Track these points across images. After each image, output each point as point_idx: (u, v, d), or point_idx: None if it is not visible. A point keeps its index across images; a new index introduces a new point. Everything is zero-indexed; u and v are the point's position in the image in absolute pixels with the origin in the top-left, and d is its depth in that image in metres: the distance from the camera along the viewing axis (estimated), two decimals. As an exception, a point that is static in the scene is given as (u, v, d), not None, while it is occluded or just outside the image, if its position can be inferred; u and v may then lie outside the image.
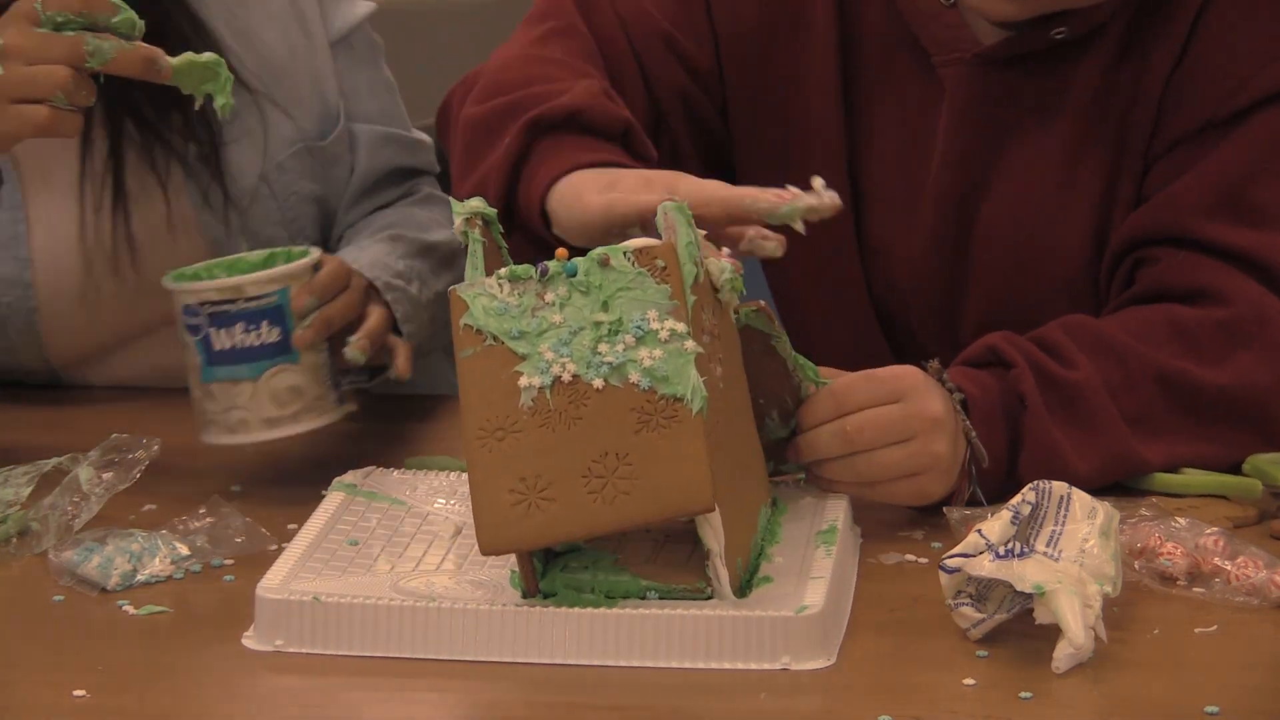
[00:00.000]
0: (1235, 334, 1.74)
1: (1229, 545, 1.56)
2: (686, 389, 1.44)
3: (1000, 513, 1.49)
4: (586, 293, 1.47)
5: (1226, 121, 1.78)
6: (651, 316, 1.46)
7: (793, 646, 1.43)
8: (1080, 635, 1.40)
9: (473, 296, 1.48)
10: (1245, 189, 1.77)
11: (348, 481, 1.71)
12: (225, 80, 1.69)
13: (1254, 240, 1.76)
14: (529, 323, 1.47)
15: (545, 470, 1.44)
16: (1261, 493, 1.70)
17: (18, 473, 1.72)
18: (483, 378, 1.47)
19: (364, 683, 1.44)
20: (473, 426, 1.46)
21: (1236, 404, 1.74)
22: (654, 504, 1.44)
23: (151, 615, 1.55)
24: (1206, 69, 1.79)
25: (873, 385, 1.63)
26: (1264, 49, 1.78)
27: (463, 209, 1.55)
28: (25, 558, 1.65)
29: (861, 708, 1.38)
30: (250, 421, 1.76)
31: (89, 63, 1.65)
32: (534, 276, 1.48)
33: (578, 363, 1.45)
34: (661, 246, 1.48)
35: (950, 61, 1.85)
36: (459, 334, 1.48)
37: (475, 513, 1.44)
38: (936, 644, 1.47)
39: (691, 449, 1.44)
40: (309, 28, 2.06)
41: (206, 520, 1.68)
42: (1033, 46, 1.82)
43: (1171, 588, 1.55)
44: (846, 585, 1.56)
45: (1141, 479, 1.74)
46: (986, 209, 1.87)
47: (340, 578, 1.53)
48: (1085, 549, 1.47)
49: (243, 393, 1.75)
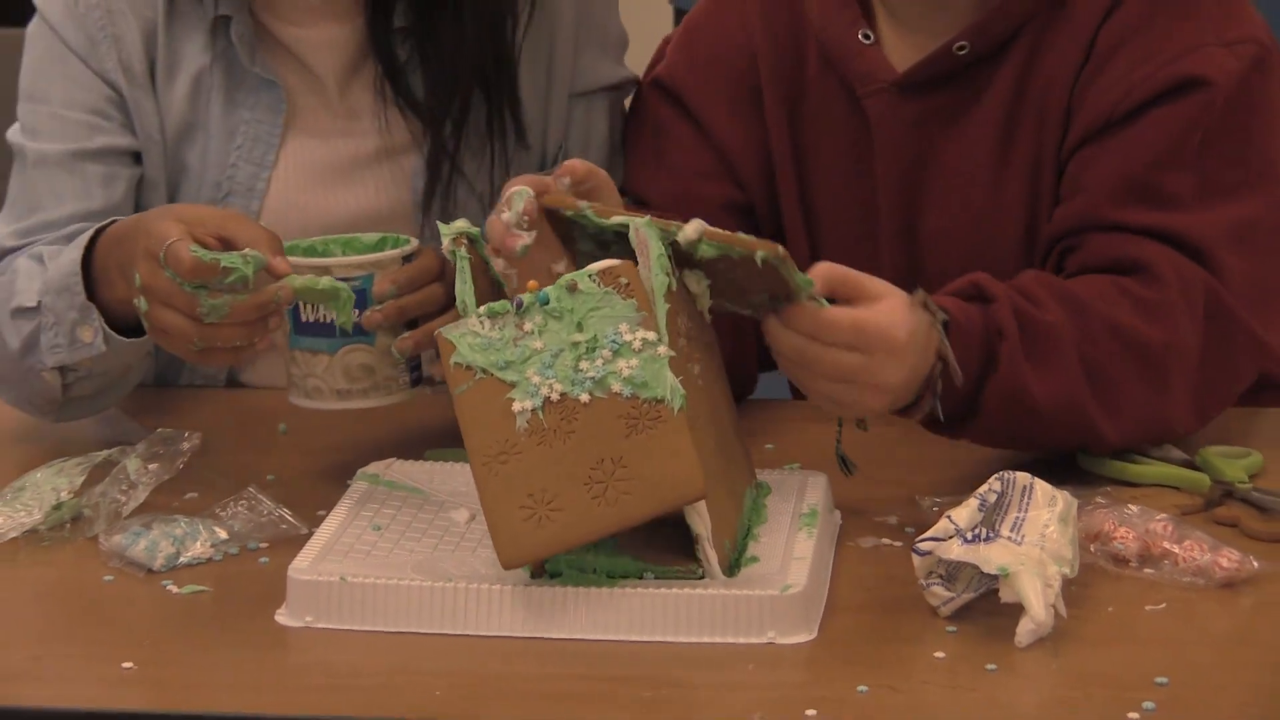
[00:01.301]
0: (1167, 297, 1.75)
1: (1177, 530, 1.59)
2: (665, 390, 1.47)
3: (968, 501, 1.51)
4: (560, 318, 1.50)
5: (1125, 119, 1.80)
6: (623, 330, 1.49)
7: (778, 622, 1.46)
8: (1041, 613, 1.44)
9: (458, 337, 1.51)
10: (1148, 178, 1.79)
11: (371, 472, 1.73)
12: (345, 301, 1.67)
13: (1163, 219, 1.77)
14: (513, 352, 1.50)
15: (549, 484, 1.47)
16: (1209, 485, 1.72)
17: (71, 463, 1.74)
18: (478, 409, 1.49)
19: (386, 656, 1.46)
20: (477, 454, 1.49)
21: (1175, 361, 1.74)
22: (653, 499, 1.46)
23: (193, 594, 1.57)
24: (1107, 73, 1.82)
25: (853, 334, 1.59)
26: (1157, 53, 1.80)
27: (450, 229, 1.58)
28: (78, 541, 1.67)
29: (841, 678, 1.41)
30: (324, 390, 1.76)
31: (206, 319, 1.62)
32: (511, 310, 1.51)
33: (563, 382, 1.48)
34: (622, 265, 1.51)
35: (872, 92, 1.89)
36: (450, 373, 1.50)
37: (492, 532, 1.47)
38: (910, 620, 1.50)
39: (679, 444, 1.46)
40: (554, 70, 2.02)
41: (243, 507, 1.69)
42: (944, 67, 1.86)
43: (1124, 569, 1.57)
44: (825, 565, 1.58)
45: (1098, 464, 1.76)
46: (929, 222, 1.90)
47: (364, 560, 1.55)
48: (1046, 534, 1.49)
49: (320, 363, 1.75)
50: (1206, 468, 1.75)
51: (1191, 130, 1.79)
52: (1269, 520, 1.66)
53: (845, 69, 1.91)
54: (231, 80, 1.96)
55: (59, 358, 1.81)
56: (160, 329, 1.66)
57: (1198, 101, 1.79)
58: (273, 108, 1.97)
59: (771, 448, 1.84)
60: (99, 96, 1.95)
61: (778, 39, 1.96)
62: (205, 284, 1.61)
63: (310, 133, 1.99)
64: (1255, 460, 1.78)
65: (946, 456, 1.80)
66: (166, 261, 1.61)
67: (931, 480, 1.74)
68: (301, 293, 1.65)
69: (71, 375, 1.84)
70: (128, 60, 1.95)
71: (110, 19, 1.95)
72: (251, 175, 1.97)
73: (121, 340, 1.78)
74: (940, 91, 1.88)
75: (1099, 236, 1.79)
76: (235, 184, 1.97)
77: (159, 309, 1.64)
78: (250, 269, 1.61)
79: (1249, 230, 1.80)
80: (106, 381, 1.87)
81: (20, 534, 1.68)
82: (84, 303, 1.78)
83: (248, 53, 1.95)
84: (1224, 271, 1.77)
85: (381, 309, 1.73)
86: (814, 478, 1.69)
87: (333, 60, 1.98)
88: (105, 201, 1.94)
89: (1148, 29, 1.82)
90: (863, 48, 1.89)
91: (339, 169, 1.99)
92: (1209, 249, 1.77)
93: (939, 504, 1.65)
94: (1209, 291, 1.76)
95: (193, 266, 1.60)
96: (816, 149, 1.95)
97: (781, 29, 1.96)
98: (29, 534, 1.68)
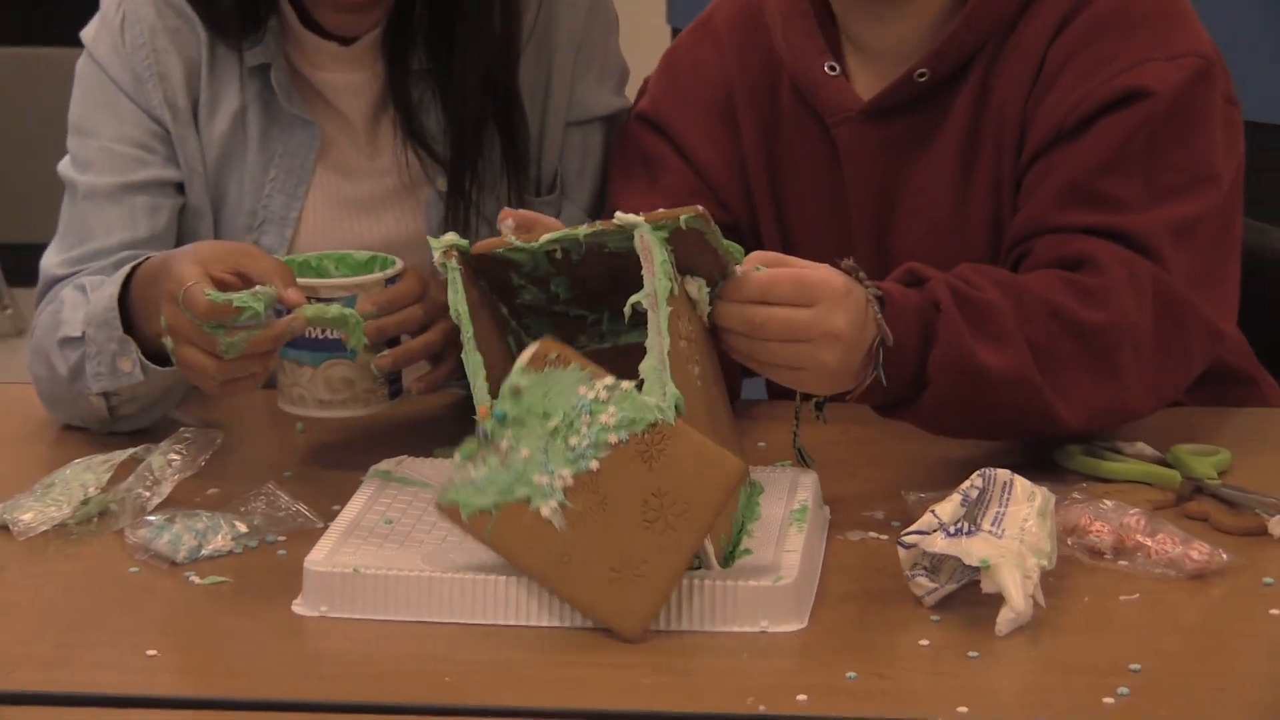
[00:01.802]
0: (1108, 283, 1.75)
1: (1150, 524, 1.60)
2: (652, 411, 1.47)
3: (952, 496, 1.52)
4: (524, 421, 1.49)
5: (1074, 130, 1.82)
6: (583, 391, 1.49)
7: (770, 612, 1.48)
8: (1020, 603, 1.45)
9: (455, 495, 1.49)
10: (1094, 183, 1.80)
11: (383, 469, 1.73)
12: (355, 326, 1.71)
13: (1108, 219, 1.79)
14: (508, 474, 1.49)
15: (617, 549, 1.46)
16: (1180, 481, 1.73)
17: (98, 460, 1.76)
18: (514, 536, 1.48)
19: (397, 644, 1.48)
20: (540, 573, 1.47)
21: (1122, 342, 1.74)
22: (708, 502, 1.46)
23: (214, 585, 1.59)
24: (1056, 90, 1.84)
25: (795, 289, 1.59)
26: (1103, 67, 1.82)
27: (439, 243, 1.59)
28: (105, 535, 1.68)
29: (830, 665, 1.43)
30: (307, 399, 1.81)
31: (226, 355, 1.66)
32: (481, 442, 1.50)
33: (567, 466, 1.47)
34: (542, 345, 1.51)
35: (840, 121, 1.92)
36: (470, 527, 1.49)
37: (603, 621, 1.46)
38: (896, 610, 1.51)
39: (696, 445, 1.47)
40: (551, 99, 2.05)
41: (261, 502, 1.71)
42: (906, 94, 1.89)
43: (1099, 561, 1.59)
44: (815, 557, 1.59)
45: (1075, 461, 1.77)
46: (899, 241, 1.92)
47: (377, 552, 1.56)
48: (1025, 528, 1.50)
49: (305, 375, 1.80)
50: (1178, 465, 1.76)
51: (1135, 137, 1.81)
52: (1237, 515, 1.67)
53: (813, 99, 1.93)
54: (268, 119, 2.01)
55: (102, 385, 1.86)
56: (185, 365, 1.71)
57: (1142, 110, 1.81)
58: (307, 144, 2.02)
59: (764, 445, 1.85)
60: (145, 131, 2.00)
61: (751, 71, 1.99)
62: (222, 323, 1.66)
63: (338, 169, 2.04)
64: (1224, 458, 1.79)
65: (931, 455, 1.81)
66: (184, 304, 1.66)
67: (917, 477, 1.75)
68: (314, 321, 1.69)
69: (115, 399, 1.88)
70: (172, 97, 2.00)
71: (156, 58, 1.99)
72: (285, 205, 2.02)
73: (158, 369, 1.83)
74: (904, 117, 1.90)
75: (1047, 239, 1.81)
76: (270, 213, 2.02)
77: (183, 347, 1.70)
78: (261, 305, 1.66)
79: (1192, 228, 1.81)
80: (149, 401, 1.91)
81: (50, 528, 1.69)
82: (121, 336, 1.82)
83: (285, 96, 2.00)
84: (1169, 264, 1.78)
85: (363, 330, 1.75)
86: (805, 475, 1.70)
87: (358, 103, 2.03)
88: (150, 231, 1.98)
89: (1093, 46, 1.84)
90: (829, 79, 1.92)
91: (364, 202, 2.05)
92: (1154, 244, 1.78)
93: (923, 499, 1.66)
94: (1154, 278, 1.77)
95: (208, 309, 1.65)
96: (792, 174, 1.97)
97: (755, 62, 1.99)
98: (58, 528, 1.69)
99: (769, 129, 1.98)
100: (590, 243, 1.59)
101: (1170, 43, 1.84)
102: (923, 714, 1.37)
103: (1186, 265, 1.79)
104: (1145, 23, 1.85)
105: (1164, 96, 1.81)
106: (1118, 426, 1.80)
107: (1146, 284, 1.77)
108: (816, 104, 1.94)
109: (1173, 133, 1.82)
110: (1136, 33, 1.85)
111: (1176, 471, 1.75)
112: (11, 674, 1.45)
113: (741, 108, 1.99)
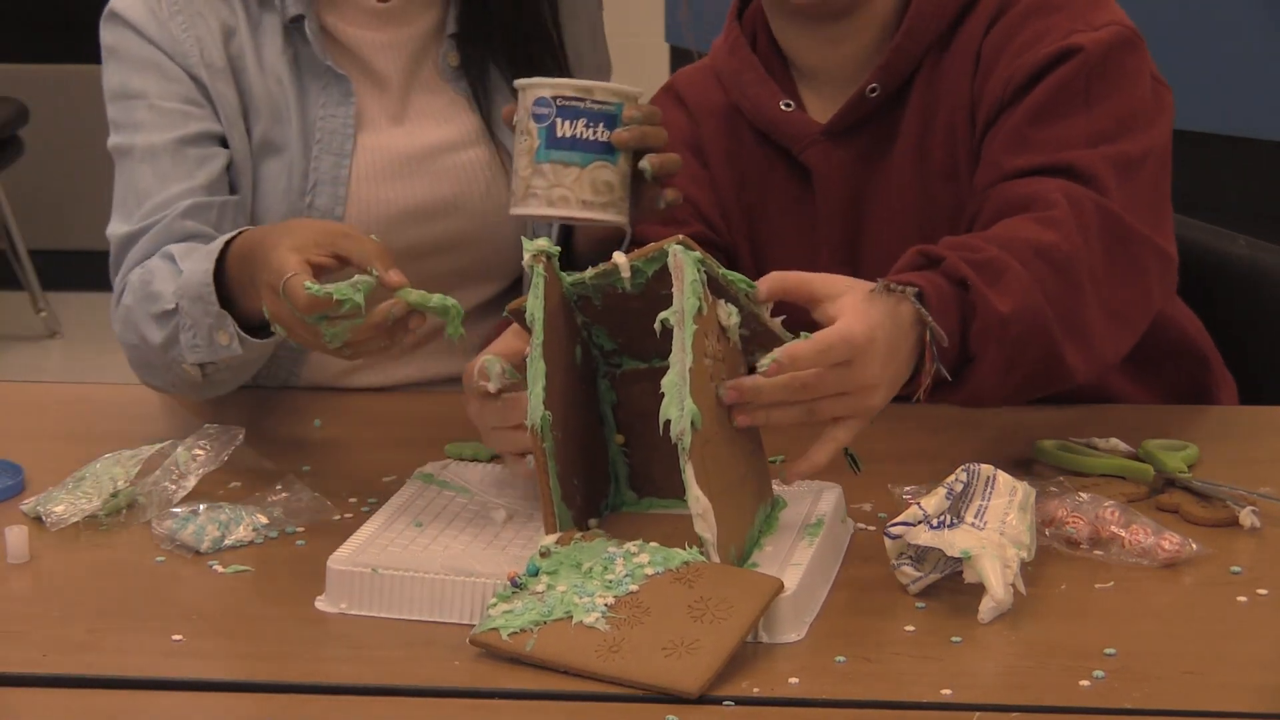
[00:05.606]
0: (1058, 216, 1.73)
1: (1123, 516, 1.59)
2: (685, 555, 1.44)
3: (937, 490, 1.52)
4: (556, 570, 1.46)
5: (1013, 97, 1.85)
6: (612, 550, 1.46)
7: (767, 624, 1.44)
8: (1001, 592, 1.45)
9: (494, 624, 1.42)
10: (1034, 130, 1.82)
11: (426, 471, 1.71)
12: (455, 315, 1.60)
13: (1049, 157, 1.79)
14: (546, 603, 1.43)
15: (666, 635, 1.39)
16: (1153, 475, 1.73)
17: (126, 455, 1.75)
18: (560, 645, 1.40)
19: (411, 642, 1.46)
20: (593, 666, 1.39)
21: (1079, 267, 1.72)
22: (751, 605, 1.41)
23: (237, 574, 1.59)
24: (996, 71, 1.88)
25: (821, 357, 1.53)
26: (1035, 42, 1.86)
27: (532, 246, 1.52)
28: (133, 526, 1.68)
29: (821, 649, 1.42)
30: (570, 200, 1.75)
31: (330, 344, 1.60)
32: (516, 590, 1.45)
33: (607, 590, 1.43)
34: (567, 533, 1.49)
35: (806, 146, 1.94)
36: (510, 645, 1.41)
37: (663, 686, 1.36)
38: (883, 597, 1.50)
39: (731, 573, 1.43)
40: None
41: (282, 495, 1.71)
42: (862, 111, 1.93)
43: (1076, 551, 1.58)
44: (822, 570, 1.53)
45: (1053, 456, 1.76)
46: (869, 251, 1.94)
47: (401, 554, 1.53)
48: (1006, 521, 1.50)
49: (570, 175, 1.75)
50: (1150, 459, 1.76)
51: (1071, 86, 1.83)
52: (1206, 506, 1.67)
53: (776, 136, 1.98)
54: (305, 74, 1.98)
55: (199, 356, 1.82)
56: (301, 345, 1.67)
57: (1075, 64, 1.84)
58: (342, 102, 1.99)
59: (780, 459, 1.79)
60: (189, 88, 1.97)
61: (715, 118, 2.03)
62: (325, 314, 1.59)
63: (375, 128, 2.01)
64: (1193, 453, 1.79)
65: (918, 450, 1.81)
66: (285, 296, 1.59)
67: (904, 471, 1.74)
68: (415, 305, 1.59)
69: (210, 367, 1.84)
70: (209, 57, 1.97)
71: (191, 22, 1.98)
72: (334, 165, 1.99)
73: (254, 341, 1.79)
74: (863, 133, 1.94)
75: (999, 187, 1.82)
76: (320, 174, 1.98)
77: (292, 335, 1.64)
78: (361, 296, 1.58)
79: (1132, 164, 1.82)
80: (244, 368, 1.88)
81: (81, 519, 1.69)
82: (218, 311, 1.78)
83: (320, 47, 1.97)
84: (1112, 194, 1.78)
85: (628, 129, 1.75)
86: (828, 490, 1.65)
87: (395, 61, 2.01)
88: (207, 178, 1.95)
89: (1024, 31, 1.88)
90: (786, 114, 1.96)
91: (407, 161, 2.01)
92: (1098, 176, 1.78)
93: (910, 493, 1.67)
94: (1099, 207, 1.76)
95: (308, 303, 1.58)
96: (763, 202, 2.01)
97: (718, 112, 2.03)
98: (89, 519, 1.69)
99: (737, 163, 2.02)
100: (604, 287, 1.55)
101: (1093, 16, 1.89)
102: (909, 696, 1.36)
103: (1130, 198, 1.80)
104: (1069, 5, 1.90)
105: (1094, 53, 1.85)
106: (1101, 366, 1.78)
107: (1090, 209, 1.76)
108: (779, 139, 1.98)
109: (1107, 84, 1.84)
110: (1061, 13, 1.89)
111: (1149, 466, 1.74)
112: (45, 657, 1.45)
113: (711, 152, 2.03)
